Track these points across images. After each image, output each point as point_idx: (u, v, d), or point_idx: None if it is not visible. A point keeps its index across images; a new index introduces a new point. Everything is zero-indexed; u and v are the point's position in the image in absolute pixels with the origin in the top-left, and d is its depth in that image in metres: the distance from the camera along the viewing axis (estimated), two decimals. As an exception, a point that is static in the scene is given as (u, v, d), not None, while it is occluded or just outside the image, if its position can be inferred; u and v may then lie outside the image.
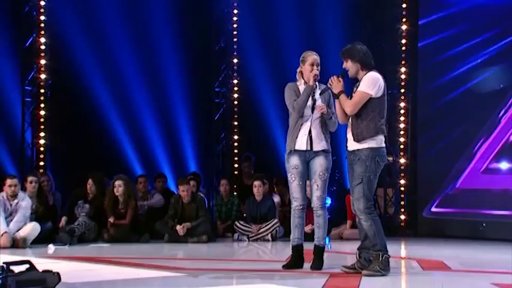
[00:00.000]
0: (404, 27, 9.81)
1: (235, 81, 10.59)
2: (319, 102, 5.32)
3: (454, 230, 9.13)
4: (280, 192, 9.33)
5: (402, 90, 9.86)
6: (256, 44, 10.36)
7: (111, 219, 8.02)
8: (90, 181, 8.35)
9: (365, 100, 4.87)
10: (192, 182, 8.73)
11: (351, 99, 4.93)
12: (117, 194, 8.08)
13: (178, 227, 8.08)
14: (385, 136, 4.92)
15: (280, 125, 9.66)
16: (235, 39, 10.55)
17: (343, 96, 4.95)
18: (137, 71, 10.18)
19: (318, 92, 5.32)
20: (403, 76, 9.84)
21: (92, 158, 9.16)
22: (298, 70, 5.39)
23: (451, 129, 9.25)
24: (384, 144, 4.91)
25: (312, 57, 5.30)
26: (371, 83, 4.88)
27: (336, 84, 4.97)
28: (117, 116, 10.07)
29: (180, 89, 10.41)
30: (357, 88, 4.96)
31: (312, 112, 5.29)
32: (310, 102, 5.30)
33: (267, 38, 10.40)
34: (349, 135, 4.96)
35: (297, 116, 5.28)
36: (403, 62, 9.83)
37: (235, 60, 10.56)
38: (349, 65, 4.96)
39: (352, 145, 4.94)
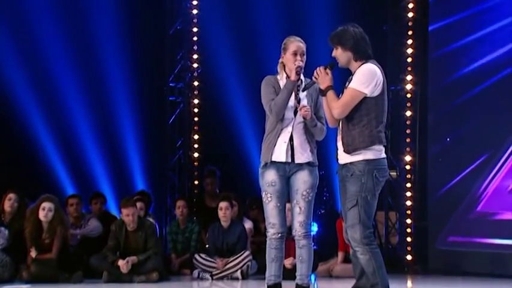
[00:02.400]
0: (411, 5, 9.98)
1: (195, 74, 10.65)
2: (304, 102, 5.41)
3: (474, 265, 9.23)
4: (253, 216, 9.40)
5: (408, 87, 10.01)
6: (223, 25, 10.44)
7: (32, 253, 7.99)
8: (11, 195, 8.32)
9: (357, 100, 4.91)
10: (139, 204, 8.75)
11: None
12: (43, 219, 8.05)
13: (120, 262, 8.08)
14: (384, 146, 4.97)
15: (254, 131, 9.74)
16: (195, 20, 10.61)
17: (331, 94, 4.98)
18: (68, 63, 10.21)
19: (302, 88, 5.40)
20: (409, 68, 9.99)
21: (5, 173, 9.13)
22: (279, 61, 5.48)
23: (470, 136, 9.37)
24: (383, 155, 4.96)
25: (295, 44, 5.39)
26: (365, 79, 4.90)
27: (323, 77, 5.01)
28: (41, 119, 10.06)
29: (124, 85, 10.45)
30: (349, 83, 4.99)
31: (295, 115, 5.37)
32: (292, 102, 5.38)
33: (238, 18, 10.48)
34: (339, 144, 5.01)
35: (275, 120, 5.36)
36: (409, 51, 9.99)
37: (195, 47, 10.62)
38: (338, 54, 5.00)
39: (343, 157, 4.99)
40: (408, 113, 9.97)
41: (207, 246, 8.84)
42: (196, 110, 10.63)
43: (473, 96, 9.37)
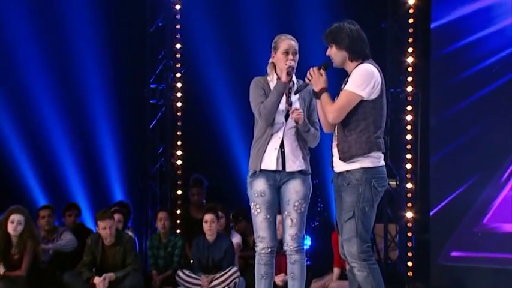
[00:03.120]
0: (411, 0, 10.01)
1: (178, 75, 10.64)
2: (296, 105, 5.42)
3: (479, 282, 9.24)
4: (241, 229, 9.39)
5: (409, 89, 10.03)
6: (209, 22, 10.45)
7: (0, 269, 7.96)
8: None
9: (354, 104, 4.92)
10: (116, 216, 8.73)
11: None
12: (12, 233, 8.02)
13: (97, 280, 8.06)
14: (383, 153, 4.99)
15: (242, 136, 9.74)
16: (178, 16, 10.61)
17: (325, 96, 5.00)
18: (40, 63, 10.20)
19: (294, 90, 5.42)
20: (410, 69, 10.03)
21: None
22: (269, 60, 5.48)
23: (476, 142, 9.39)
24: (382, 162, 4.98)
25: (286, 42, 5.40)
26: (362, 80, 4.92)
27: (316, 78, 5.03)
28: (9, 123, 10.03)
29: (101, 87, 10.44)
30: (345, 85, 5.01)
31: (286, 119, 5.38)
32: (283, 106, 5.39)
33: (225, 14, 10.50)
34: (335, 151, 5.03)
35: (265, 124, 5.36)
36: (410, 50, 10.02)
37: (178, 46, 10.61)
38: (333, 53, 5.02)
39: (339, 165, 5.01)
40: (409, 118, 9.99)
41: (191, 261, 8.83)
42: (179, 113, 10.61)
43: (480, 99, 9.39)
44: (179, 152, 10.58)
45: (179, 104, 10.61)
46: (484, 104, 9.34)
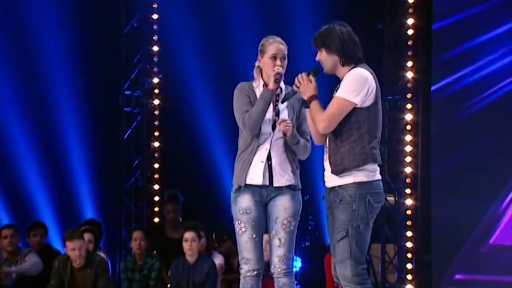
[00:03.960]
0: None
1: (155, 80, 10.65)
2: (284, 114, 5.44)
3: (486, 307, 9.31)
4: (224, 250, 9.39)
5: (408, 96, 10.07)
6: (189, 22, 10.46)
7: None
8: None
9: (346, 111, 4.93)
10: (87, 236, 8.71)
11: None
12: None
13: (65, 306, 8.03)
14: (379, 165, 5.00)
15: (226, 148, 9.73)
16: (155, 16, 10.63)
17: (315, 104, 5.00)
18: (2, 67, 10.15)
19: (281, 99, 5.42)
20: (409, 74, 10.06)
21: None
22: (255, 64, 5.50)
23: (482, 154, 9.42)
24: (378, 176, 4.99)
25: (274, 45, 5.41)
26: (355, 86, 4.93)
27: (305, 85, 5.04)
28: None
29: (70, 94, 10.42)
30: (336, 92, 5.02)
31: (273, 129, 5.40)
32: (270, 115, 5.40)
33: (208, 13, 10.51)
34: (326, 164, 5.04)
35: (250, 135, 5.38)
36: (409, 53, 10.06)
37: (155, 48, 10.63)
38: (323, 57, 5.04)
39: (331, 179, 5.01)
40: (408, 127, 10.01)
41: (169, 286, 8.81)
42: (156, 122, 10.62)
43: (487, 106, 9.42)
44: (156, 165, 10.58)
45: (156, 112, 10.62)
46: (491, 111, 9.37)
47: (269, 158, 5.38)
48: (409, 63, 10.03)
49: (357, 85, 4.93)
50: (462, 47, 9.62)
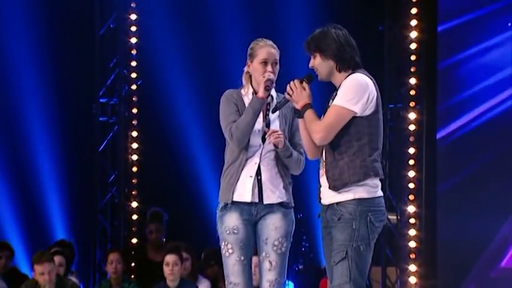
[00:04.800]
0: (414, -2, 10.11)
1: (133, 87, 10.64)
2: (275, 124, 5.44)
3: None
4: (211, 274, 9.37)
5: (411, 104, 10.09)
6: (171, 23, 10.46)
7: None
8: None
9: (345, 121, 4.94)
10: (57, 259, 8.68)
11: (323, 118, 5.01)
12: None
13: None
14: (381, 180, 5.01)
15: (211, 162, 9.74)
16: (133, 16, 10.63)
17: (309, 114, 5.01)
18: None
19: (272, 108, 5.44)
20: (412, 80, 10.07)
21: None
22: (244, 70, 5.52)
23: (493, 169, 9.45)
24: (380, 193, 5.00)
25: (265, 49, 5.42)
26: (354, 93, 4.94)
27: (298, 93, 5.05)
28: None
29: (40, 102, 10.39)
30: (333, 101, 5.03)
31: (263, 141, 5.41)
32: (260, 125, 5.41)
33: (191, 14, 10.52)
34: (323, 180, 5.04)
35: (237, 148, 5.39)
36: (413, 58, 10.07)
37: (133, 52, 10.63)
38: (317, 63, 5.05)
39: (328, 195, 5.01)
40: (411, 138, 10.03)
41: (148, 313, 8.80)
42: (135, 133, 10.60)
43: (499, 116, 9.45)
44: (134, 180, 10.56)
45: (134, 122, 10.60)
46: (503, 122, 9.39)
47: (259, 172, 5.39)
48: (412, 69, 10.04)
49: (356, 92, 4.94)
50: (470, 50, 9.63)
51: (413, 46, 10.02)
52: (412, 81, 10.02)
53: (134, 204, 10.55)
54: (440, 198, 9.90)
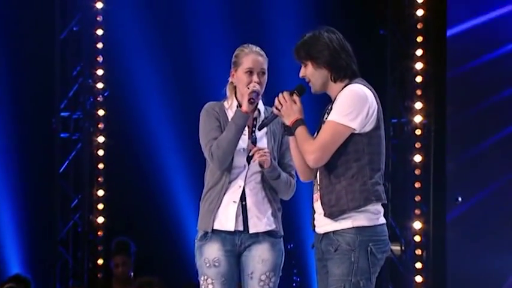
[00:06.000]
0: None
1: (100, 99, 10.63)
2: (262, 142, 5.47)
3: None
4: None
5: (417, 119, 10.11)
6: (143, 26, 10.46)
7: None
8: None
9: (342, 139, 4.93)
10: (12, 296, 8.69)
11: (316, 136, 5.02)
12: None
13: None
14: (384, 205, 5.02)
15: (188, 185, 9.74)
16: (99, 18, 10.61)
17: (301, 131, 4.99)
18: None
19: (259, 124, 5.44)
20: (418, 92, 10.08)
21: None
22: (228, 80, 5.53)
23: (509, 193, 9.51)
24: (382, 220, 5.00)
25: (251, 57, 5.44)
26: (352, 107, 4.93)
27: (288, 107, 5.04)
28: None
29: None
30: (328, 115, 5.03)
31: (248, 162, 5.43)
32: (245, 144, 5.43)
33: (166, 15, 10.53)
34: (317, 206, 5.03)
35: (219, 169, 5.40)
36: (418, 66, 10.09)
37: (99, 58, 10.63)
38: (309, 73, 5.05)
39: (323, 223, 5.01)
40: (417, 158, 10.05)
41: None
42: (101, 152, 10.58)
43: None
44: (100, 206, 10.53)
45: (101, 139, 10.56)
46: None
47: (243, 197, 5.41)
48: (418, 79, 10.09)
49: (354, 106, 4.94)
50: (487, 56, 9.68)
51: (419, 52, 10.07)
52: (418, 92, 10.05)
53: (100, 233, 10.52)
54: (451, 227, 9.91)
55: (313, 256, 5.10)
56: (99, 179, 10.56)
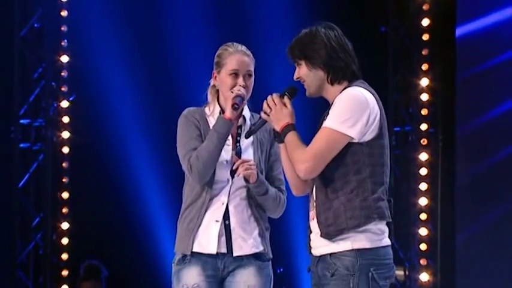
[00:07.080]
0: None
1: (64, 104, 10.64)
2: (248, 153, 5.47)
3: None
4: None
5: (423, 127, 10.15)
6: (113, 21, 10.47)
7: None
8: None
9: (338, 148, 4.93)
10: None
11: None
12: None
13: None
14: (388, 223, 5.01)
15: (164, 201, 9.74)
16: (63, 13, 10.65)
17: (292, 138, 4.98)
18: None
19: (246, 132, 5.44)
20: (424, 96, 10.13)
21: None
22: (210, 83, 5.53)
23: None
24: (386, 241, 5.00)
25: (236, 57, 5.45)
26: (350, 112, 4.92)
27: (278, 111, 5.04)
28: None
29: None
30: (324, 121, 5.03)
31: (232, 176, 5.42)
32: (228, 155, 5.44)
33: (140, 9, 10.59)
34: (313, 224, 5.03)
35: (198, 183, 5.40)
36: (424, 67, 10.13)
37: (64, 58, 10.65)
38: (303, 74, 5.06)
39: (319, 245, 5.01)
40: (423, 172, 10.09)
41: None
42: (65, 164, 10.62)
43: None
44: (65, 225, 10.55)
45: (66, 150, 10.61)
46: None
47: (227, 216, 5.41)
48: (424, 81, 10.12)
49: (353, 111, 4.93)
50: (500, 57, 9.72)
51: (424, 52, 10.10)
52: (424, 97, 10.10)
53: (64, 256, 10.54)
54: (461, 249, 9.93)
55: (309, 281, 5.10)
56: (64, 194, 10.57)
